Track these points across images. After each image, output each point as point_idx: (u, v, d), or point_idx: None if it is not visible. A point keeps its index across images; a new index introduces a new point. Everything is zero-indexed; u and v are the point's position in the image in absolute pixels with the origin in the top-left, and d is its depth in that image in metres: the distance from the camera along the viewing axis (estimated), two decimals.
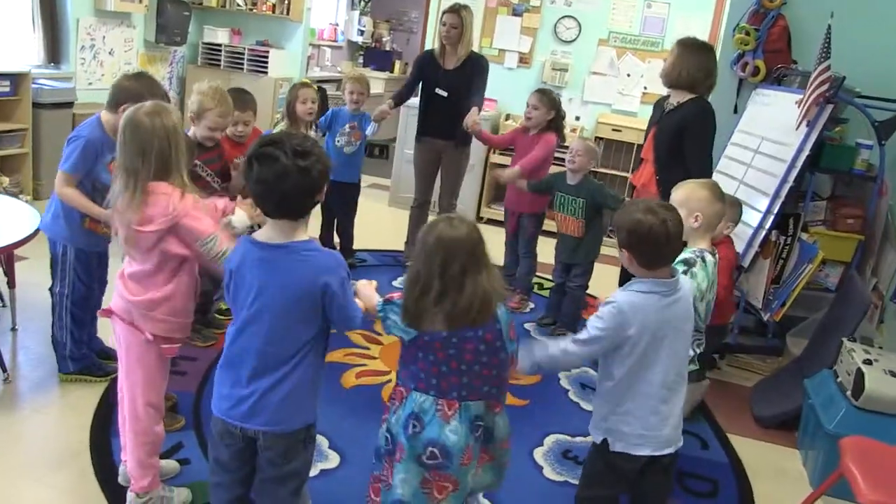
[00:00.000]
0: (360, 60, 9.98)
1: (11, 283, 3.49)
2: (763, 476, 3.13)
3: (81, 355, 3.11)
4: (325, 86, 6.91)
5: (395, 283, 4.74)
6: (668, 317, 2.08)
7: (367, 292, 2.04)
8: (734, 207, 3.25)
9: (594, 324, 2.07)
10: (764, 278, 3.89)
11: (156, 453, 2.41)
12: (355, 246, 5.03)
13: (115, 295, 2.29)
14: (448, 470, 1.91)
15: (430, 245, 1.86)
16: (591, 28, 6.44)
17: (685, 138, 3.49)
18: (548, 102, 4.32)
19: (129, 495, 2.39)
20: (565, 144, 4.72)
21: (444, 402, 1.90)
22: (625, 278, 3.32)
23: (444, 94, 4.67)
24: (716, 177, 4.40)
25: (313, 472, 2.72)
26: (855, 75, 3.93)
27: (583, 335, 2.09)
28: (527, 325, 4.36)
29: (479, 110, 4.53)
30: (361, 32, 9.84)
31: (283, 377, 1.87)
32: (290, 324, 1.84)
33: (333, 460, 2.81)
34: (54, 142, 5.04)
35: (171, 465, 2.62)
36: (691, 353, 2.60)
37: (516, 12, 6.54)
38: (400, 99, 4.92)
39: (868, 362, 2.97)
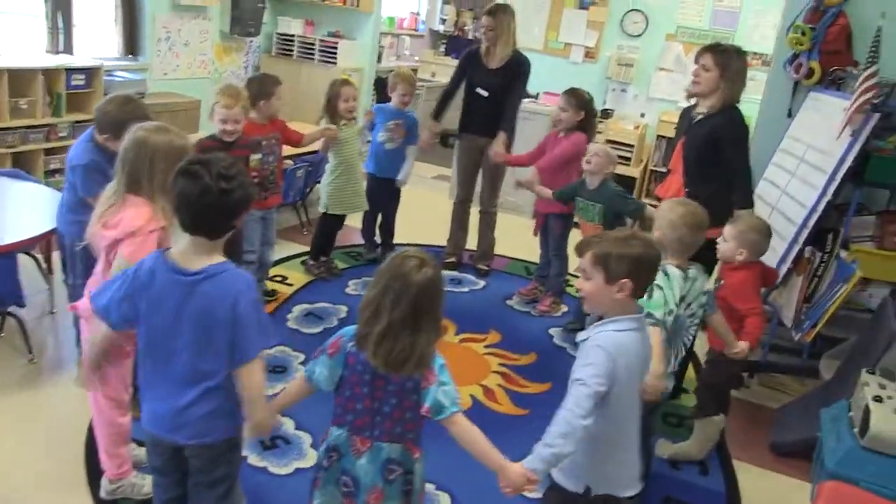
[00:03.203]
0: (442, 49, 9.99)
1: (50, 269, 3.74)
2: None
3: None
4: None
5: None
6: (642, 352, 2.01)
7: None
8: (749, 234, 2.96)
9: (591, 375, 1.88)
10: (796, 296, 3.66)
11: (122, 443, 2.54)
12: (398, 240, 5.08)
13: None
14: (357, 500, 1.93)
15: (389, 278, 1.84)
16: (658, 22, 6.22)
17: (725, 150, 3.29)
18: (576, 103, 4.21)
19: (103, 480, 2.55)
20: None
21: (357, 439, 1.92)
22: None
23: (485, 94, 4.63)
24: (761, 185, 4.21)
25: (287, 470, 2.82)
26: None
27: (586, 402, 1.85)
28: (552, 331, 4.28)
29: (511, 131, 4.59)
30: (444, 21, 9.84)
31: (206, 393, 1.90)
32: (210, 343, 1.85)
33: (311, 459, 2.86)
34: None
35: None
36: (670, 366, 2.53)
37: (583, 5, 6.40)
38: (442, 110, 4.89)
39: (878, 399, 2.75)
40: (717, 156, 3.31)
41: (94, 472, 2.66)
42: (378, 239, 5.02)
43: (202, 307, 1.84)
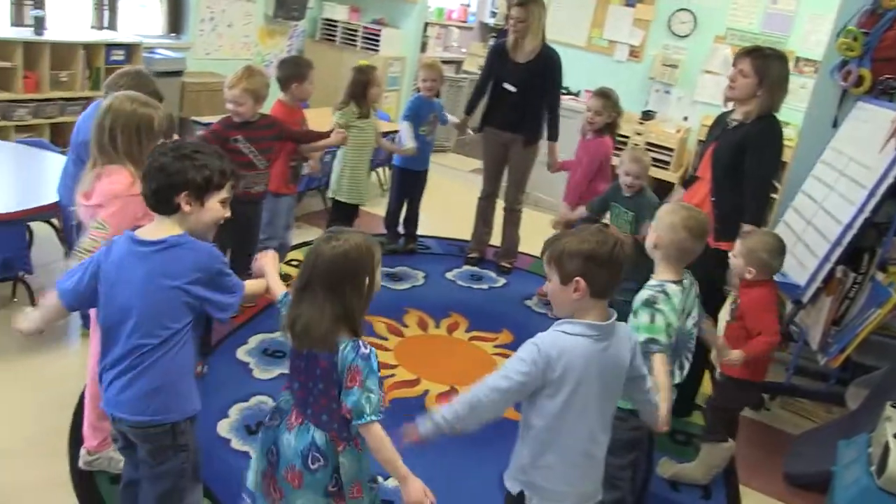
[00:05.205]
0: (491, 42, 9.84)
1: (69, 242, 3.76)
2: None
3: None
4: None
5: (448, 276, 4.68)
6: (600, 364, 1.85)
7: (268, 268, 2.09)
8: (758, 252, 2.81)
9: (515, 367, 1.84)
10: (823, 318, 3.45)
11: (106, 417, 2.50)
12: (424, 231, 5.01)
13: None
14: (276, 475, 1.87)
15: (305, 256, 1.84)
16: (707, 23, 5.99)
17: (747, 156, 3.13)
18: (611, 107, 4.12)
19: (82, 451, 2.55)
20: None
21: (294, 411, 1.87)
22: None
23: (513, 89, 4.50)
24: (798, 198, 4.00)
25: None
26: None
27: (502, 383, 1.85)
28: None
29: (556, 133, 4.56)
30: (494, 14, 9.69)
31: (147, 368, 1.87)
32: (156, 316, 1.85)
33: None
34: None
35: None
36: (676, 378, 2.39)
37: (629, 3, 6.19)
38: (474, 105, 4.79)
39: None
40: (744, 166, 3.14)
41: (76, 441, 2.65)
42: (402, 229, 4.94)
43: (158, 274, 1.84)
